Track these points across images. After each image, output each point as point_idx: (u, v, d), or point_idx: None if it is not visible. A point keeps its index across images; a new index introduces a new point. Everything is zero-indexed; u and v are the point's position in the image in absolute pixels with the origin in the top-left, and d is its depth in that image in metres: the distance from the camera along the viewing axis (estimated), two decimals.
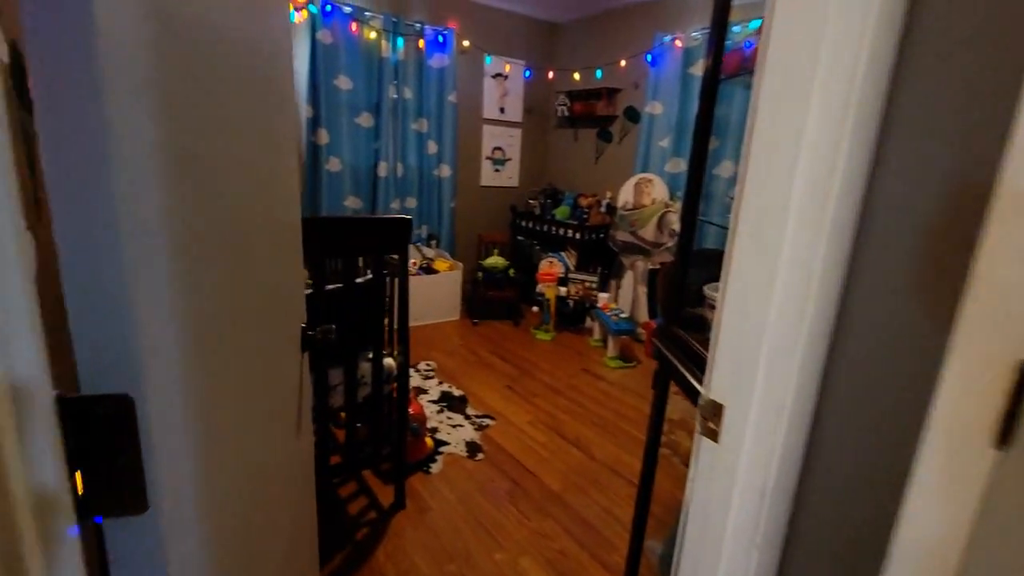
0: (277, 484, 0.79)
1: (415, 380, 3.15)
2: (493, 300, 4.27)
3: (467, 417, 2.75)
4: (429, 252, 4.46)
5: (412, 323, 4.01)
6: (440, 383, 3.13)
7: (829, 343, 0.67)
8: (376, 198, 4.19)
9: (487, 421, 2.72)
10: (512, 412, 2.84)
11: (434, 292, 4.15)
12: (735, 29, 3.42)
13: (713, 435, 0.81)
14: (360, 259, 2.16)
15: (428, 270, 4.24)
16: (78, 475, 0.35)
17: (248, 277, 0.66)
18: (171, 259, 0.47)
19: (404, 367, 1.94)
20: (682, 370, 1.12)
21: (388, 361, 1.93)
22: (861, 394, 0.66)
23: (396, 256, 1.83)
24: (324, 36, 3.66)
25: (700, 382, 0.98)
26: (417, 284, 4.04)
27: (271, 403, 0.77)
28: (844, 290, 0.65)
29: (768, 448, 0.73)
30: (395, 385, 1.96)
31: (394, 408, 1.97)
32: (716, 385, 0.80)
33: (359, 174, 4.11)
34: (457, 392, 3.02)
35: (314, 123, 3.77)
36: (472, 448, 2.46)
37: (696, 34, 3.66)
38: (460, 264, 4.32)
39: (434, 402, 2.89)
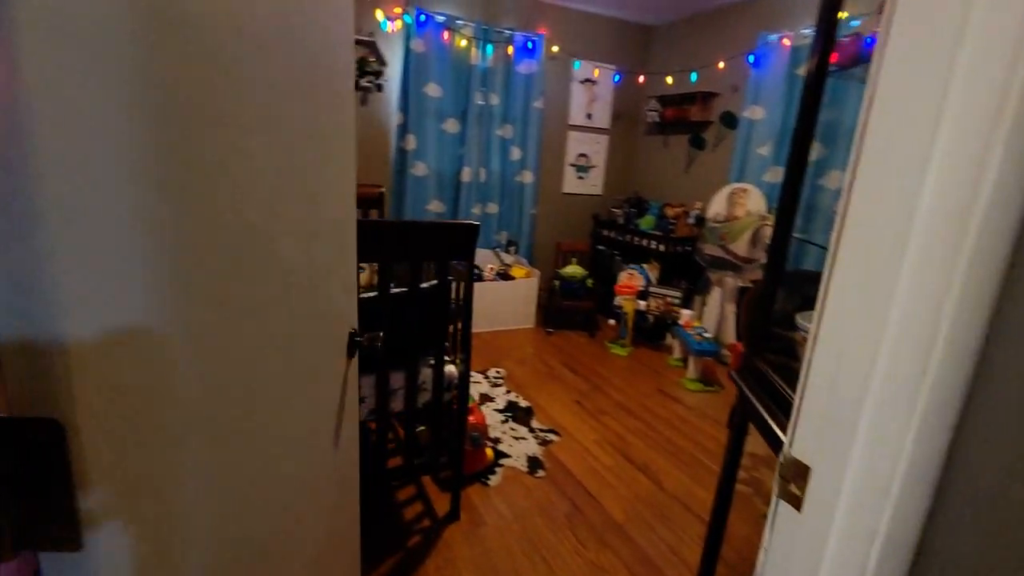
0: (303, 498, 0.76)
1: (483, 387, 3.13)
2: (569, 310, 4.16)
3: (531, 430, 2.67)
4: (507, 258, 4.45)
5: (485, 328, 4.02)
6: (508, 392, 3.08)
7: (960, 408, 0.52)
8: (458, 203, 4.25)
9: (551, 436, 2.62)
10: (578, 429, 2.72)
11: (509, 299, 4.12)
12: (854, 23, 3.07)
13: (795, 502, 0.66)
14: (429, 264, 2.17)
15: (505, 276, 4.22)
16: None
17: (267, 282, 0.63)
18: (135, 266, 0.43)
19: (465, 375, 1.91)
20: (762, 412, 0.96)
21: (450, 368, 1.91)
22: (1004, 478, 0.49)
23: (463, 262, 1.80)
24: (417, 45, 3.78)
25: (784, 430, 0.83)
26: (493, 290, 4.04)
27: (298, 418, 0.75)
28: (986, 340, 0.49)
29: (867, 530, 0.58)
30: (456, 393, 1.93)
31: (454, 416, 1.94)
32: (801, 441, 0.65)
33: (443, 179, 4.19)
34: (524, 403, 2.95)
35: (403, 129, 3.90)
36: (533, 464, 2.37)
37: (807, 31, 3.33)
38: (537, 271, 4.26)
39: (500, 411, 2.84)
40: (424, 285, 1.77)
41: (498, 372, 3.36)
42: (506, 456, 2.41)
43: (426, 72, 3.89)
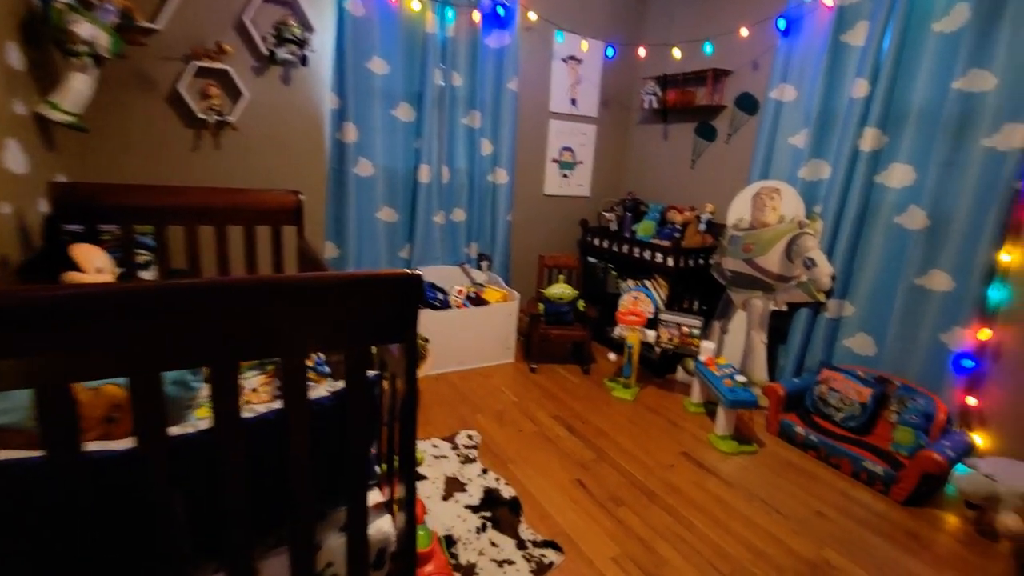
0: None
1: (449, 464, 2.28)
2: (557, 340, 3.35)
3: (520, 544, 1.84)
4: (479, 276, 3.61)
5: (453, 369, 3.19)
6: (484, 472, 2.25)
7: None
8: (415, 209, 3.39)
9: (550, 556, 1.80)
10: (587, 536, 1.91)
11: (483, 329, 3.29)
12: None
13: None
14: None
15: (477, 300, 3.38)
16: None
17: None
18: None
19: (408, 531, 1.07)
20: None
21: (381, 527, 1.06)
22: None
23: (399, 340, 0.96)
24: (355, 7, 2.90)
25: None
26: (462, 319, 3.20)
27: None
28: None
29: None
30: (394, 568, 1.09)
31: None
32: None
33: (395, 179, 3.32)
34: (507, 491, 2.12)
35: (340, 116, 3.02)
36: None
37: None
38: (516, 293, 3.44)
39: (474, 509, 2.01)
40: (321, 394, 0.93)
41: (470, 437, 2.52)
42: None
43: (368, 42, 3.01)
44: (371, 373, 0.99)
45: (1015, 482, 1.95)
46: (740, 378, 2.61)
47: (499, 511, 2.01)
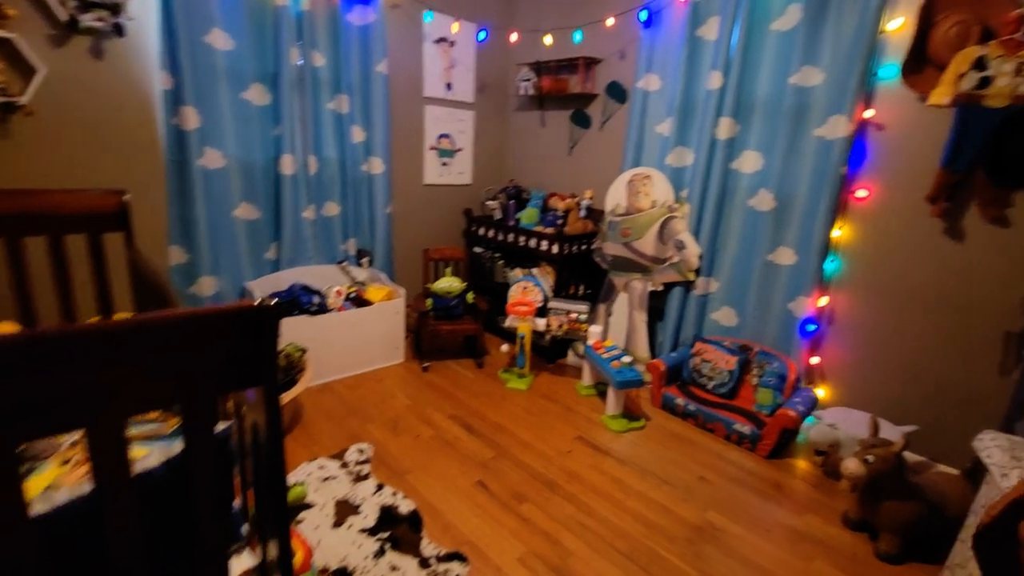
0: None
1: (339, 484, 2.09)
2: (448, 335, 3.25)
3: (424, 562, 1.74)
4: (360, 274, 3.36)
5: (338, 376, 2.95)
6: (379, 488, 2.09)
7: None
8: (280, 204, 3.04)
9: (455, 570, 1.72)
10: (492, 540, 1.86)
11: (368, 331, 3.07)
12: None
13: None
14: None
15: (359, 300, 3.14)
16: None
17: None
18: None
19: None
20: None
21: None
22: None
23: (257, 385, 0.78)
24: None
25: None
26: (344, 323, 2.95)
27: None
28: None
29: None
30: None
31: None
32: None
33: (253, 171, 2.93)
34: (406, 506, 1.99)
35: (175, 98, 2.56)
36: None
37: None
38: (402, 289, 3.26)
39: (370, 532, 1.85)
40: (155, 462, 0.73)
41: (361, 451, 2.34)
42: None
43: (205, 11, 2.58)
44: (222, 426, 0.81)
45: (852, 429, 2.26)
46: (626, 359, 2.72)
47: (398, 529, 1.88)
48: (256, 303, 0.72)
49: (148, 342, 0.65)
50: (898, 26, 2.25)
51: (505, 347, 3.20)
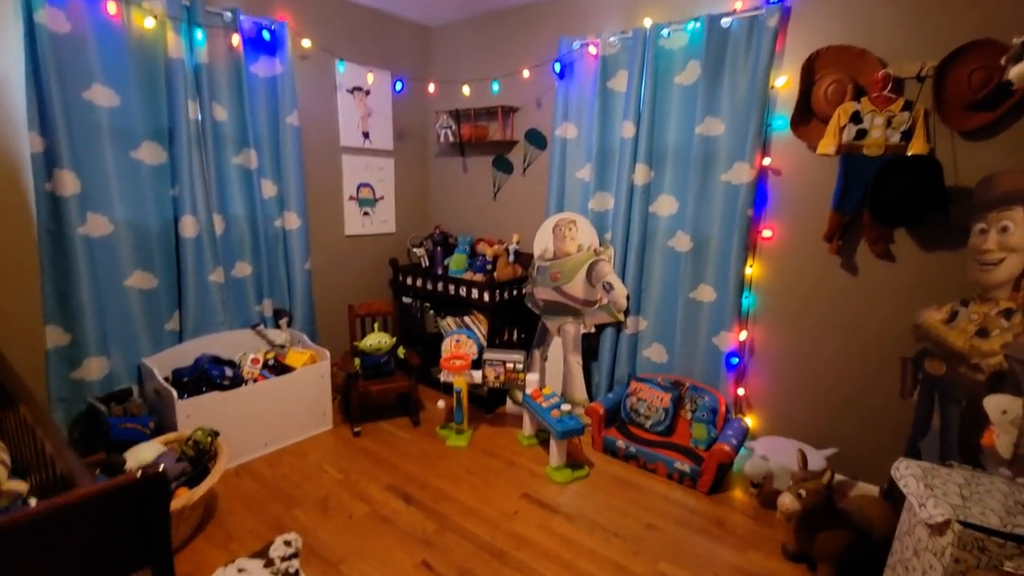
0: None
1: None
2: (379, 395, 3.07)
3: None
4: (278, 336, 3.12)
5: (259, 454, 2.70)
6: None
7: None
8: (182, 270, 2.76)
9: None
10: None
11: (291, 399, 2.83)
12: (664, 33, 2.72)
13: None
14: None
15: (279, 367, 2.90)
16: None
17: None
18: None
19: None
20: None
21: None
22: None
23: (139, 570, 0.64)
24: (54, 21, 2.21)
25: None
26: (262, 395, 2.70)
27: None
28: None
29: None
30: None
31: None
32: None
33: (147, 236, 2.65)
34: None
35: (49, 161, 2.27)
36: None
37: (614, 39, 2.91)
38: (326, 351, 3.05)
39: None
40: None
41: (288, 543, 2.10)
42: None
43: (82, 66, 2.33)
44: None
45: (782, 459, 2.36)
46: (565, 407, 2.70)
47: None
48: (138, 474, 0.59)
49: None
50: (784, 83, 2.46)
51: (441, 403, 3.07)
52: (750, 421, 2.78)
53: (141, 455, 2.08)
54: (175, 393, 2.38)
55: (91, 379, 2.48)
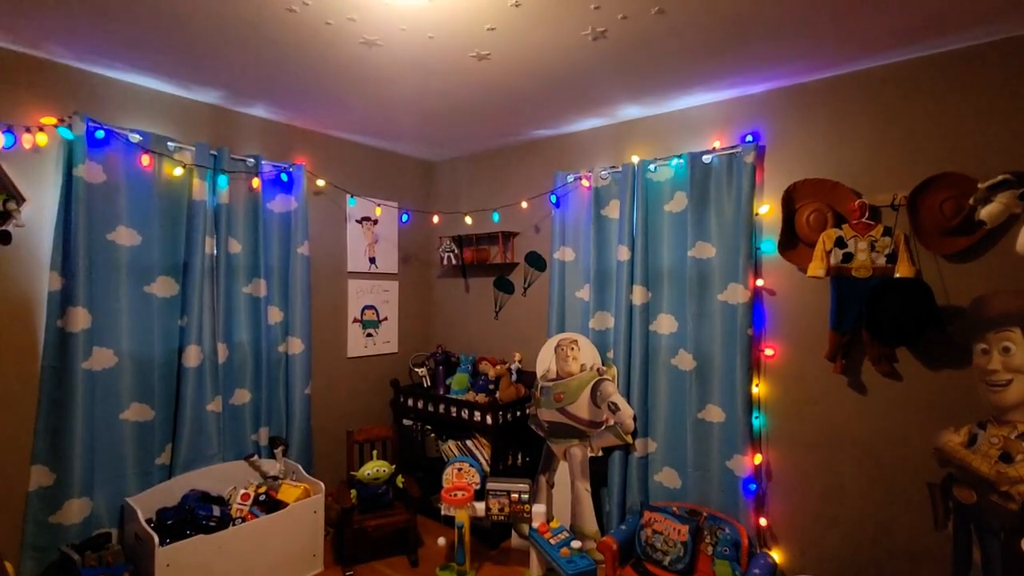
0: None
1: None
2: (376, 531, 2.86)
3: None
4: (271, 467, 2.98)
5: None
6: None
7: None
8: (181, 400, 2.72)
9: None
10: None
11: (280, 540, 2.63)
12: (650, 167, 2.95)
13: None
14: None
15: (270, 503, 2.74)
16: None
17: None
18: None
19: None
20: None
21: None
22: None
23: None
24: (90, 172, 2.41)
25: None
26: (250, 536, 2.51)
27: None
28: None
29: None
30: None
31: None
32: None
33: (147, 368, 2.65)
34: None
35: (64, 299, 2.34)
36: None
37: (605, 173, 3.15)
38: (320, 484, 2.89)
39: None
40: None
41: None
42: None
43: (111, 211, 2.50)
44: None
45: None
46: (576, 544, 2.50)
47: None
48: None
49: None
50: (767, 211, 2.62)
51: (442, 540, 2.85)
52: (776, 556, 2.56)
53: None
54: (156, 539, 2.22)
55: (70, 523, 2.33)
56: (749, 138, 2.65)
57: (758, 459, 2.62)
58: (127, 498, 2.50)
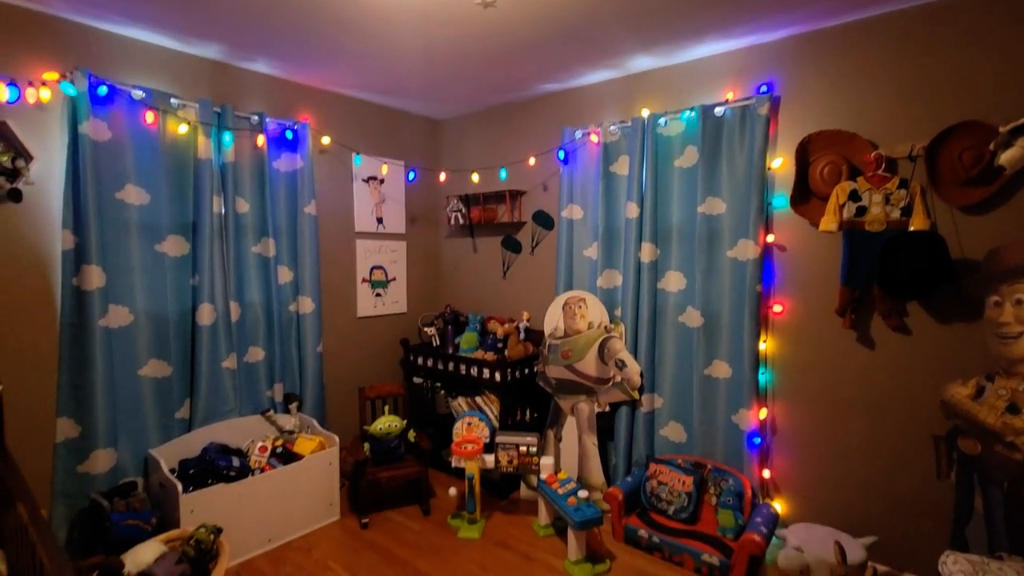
0: None
1: None
2: (389, 483, 2.96)
3: None
4: (287, 422, 3.08)
5: (262, 550, 2.57)
6: None
7: None
8: (196, 356, 2.79)
9: None
10: None
11: (298, 490, 2.74)
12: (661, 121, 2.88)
13: None
14: None
15: (286, 455, 2.84)
16: None
17: None
18: None
19: None
20: None
21: None
22: None
23: None
24: (95, 130, 2.40)
25: None
26: (269, 484, 2.62)
27: None
28: None
29: None
30: None
31: None
32: None
33: (163, 326, 2.70)
34: None
35: (78, 258, 2.37)
36: None
37: (614, 128, 3.08)
38: (335, 437, 2.99)
39: None
40: None
41: None
42: None
43: (118, 170, 2.50)
44: None
45: (818, 550, 2.20)
46: (583, 493, 2.57)
47: None
48: None
49: None
50: (780, 164, 2.56)
51: (453, 490, 2.95)
52: (779, 506, 2.63)
53: (140, 557, 1.99)
54: (180, 487, 2.32)
55: (97, 472, 2.43)
56: (763, 89, 2.56)
57: (763, 414, 2.65)
58: (150, 449, 2.60)
